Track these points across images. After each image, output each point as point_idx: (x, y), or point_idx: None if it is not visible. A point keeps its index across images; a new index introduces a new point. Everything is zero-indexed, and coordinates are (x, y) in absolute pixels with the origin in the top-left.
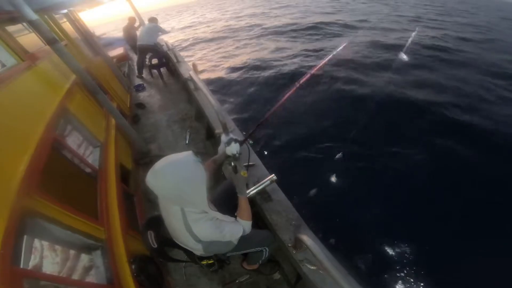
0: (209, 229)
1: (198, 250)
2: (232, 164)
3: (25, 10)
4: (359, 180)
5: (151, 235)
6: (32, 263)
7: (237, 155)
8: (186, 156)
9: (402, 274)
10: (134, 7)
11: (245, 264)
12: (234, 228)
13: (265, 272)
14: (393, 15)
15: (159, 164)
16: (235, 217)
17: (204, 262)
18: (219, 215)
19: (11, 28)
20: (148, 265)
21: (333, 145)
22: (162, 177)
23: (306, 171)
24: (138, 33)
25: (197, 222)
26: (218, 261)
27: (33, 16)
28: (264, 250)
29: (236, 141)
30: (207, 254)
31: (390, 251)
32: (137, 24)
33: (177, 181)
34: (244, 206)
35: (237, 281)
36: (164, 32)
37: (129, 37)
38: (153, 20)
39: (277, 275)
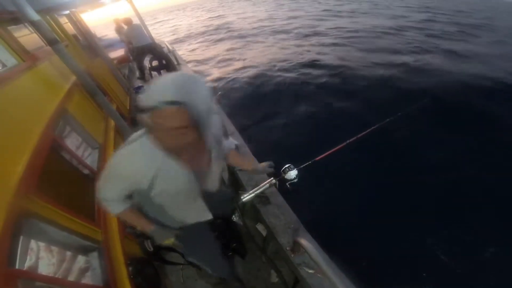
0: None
1: None
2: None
3: (27, 11)
4: (361, 183)
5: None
6: (27, 264)
7: (295, 180)
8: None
9: (403, 279)
10: (135, 7)
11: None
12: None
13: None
14: None
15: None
16: None
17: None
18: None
19: (13, 28)
20: (146, 267)
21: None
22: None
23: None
24: (132, 33)
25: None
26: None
27: (35, 16)
28: (206, 269)
29: (291, 168)
30: None
31: (389, 254)
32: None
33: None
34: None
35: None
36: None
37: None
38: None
39: (274, 278)
